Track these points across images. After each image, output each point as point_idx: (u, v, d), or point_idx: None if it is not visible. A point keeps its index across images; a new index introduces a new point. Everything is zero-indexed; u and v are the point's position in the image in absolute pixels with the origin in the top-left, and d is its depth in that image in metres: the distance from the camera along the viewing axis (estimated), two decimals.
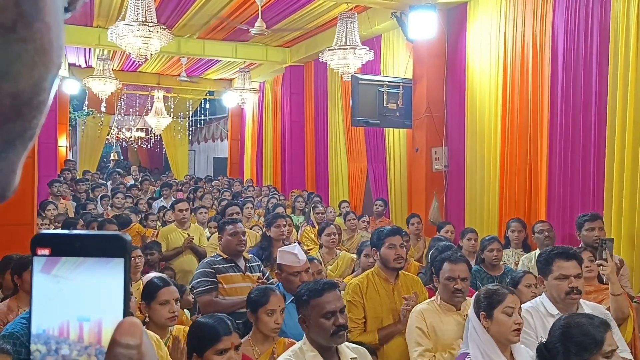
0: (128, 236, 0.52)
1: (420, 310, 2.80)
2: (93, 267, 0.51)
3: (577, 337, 1.82)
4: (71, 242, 0.52)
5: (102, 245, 0.51)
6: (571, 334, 1.84)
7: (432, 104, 6.60)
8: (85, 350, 0.50)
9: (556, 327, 1.91)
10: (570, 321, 1.91)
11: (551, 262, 2.63)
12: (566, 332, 1.86)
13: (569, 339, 1.83)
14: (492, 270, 4.29)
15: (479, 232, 5.08)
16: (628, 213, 4.26)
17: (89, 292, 0.51)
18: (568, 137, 4.96)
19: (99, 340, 0.50)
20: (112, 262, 0.51)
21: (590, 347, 1.79)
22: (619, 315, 2.88)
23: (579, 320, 1.90)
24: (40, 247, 0.52)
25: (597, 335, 1.80)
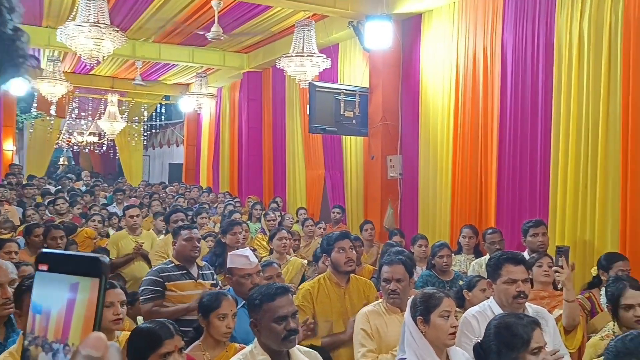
0: (106, 258, 0.62)
1: (365, 312, 2.85)
2: (75, 284, 0.59)
3: (507, 337, 1.90)
4: (65, 261, 0.60)
5: (85, 265, 0.60)
6: (501, 333, 1.92)
7: (387, 112, 6.72)
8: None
9: (490, 327, 1.99)
10: (501, 321, 1.99)
11: (500, 267, 2.71)
12: (497, 332, 1.93)
13: (500, 339, 1.91)
14: (443, 275, 4.40)
15: (432, 238, 5.19)
16: (571, 219, 4.45)
17: (68, 305, 0.59)
18: (516, 147, 5.15)
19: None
20: (91, 281, 0.59)
21: (518, 345, 1.87)
22: (570, 322, 2.96)
23: (508, 320, 1.97)
24: (41, 263, 0.61)
25: (525, 334, 1.88)
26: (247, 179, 10.69)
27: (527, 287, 2.67)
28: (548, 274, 3.51)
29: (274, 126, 9.93)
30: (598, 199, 4.26)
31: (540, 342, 1.90)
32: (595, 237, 4.25)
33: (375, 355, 2.72)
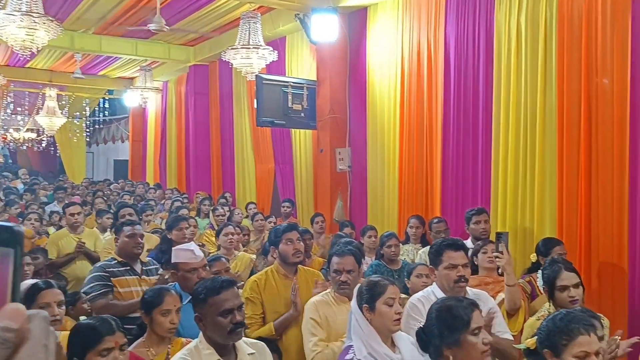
0: (20, 227, 0.59)
1: (314, 302, 2.87)
2: None
3: (448, 319, 1.95)
4: None
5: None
6: (443, 316, 1.97)
7: (335, 105, 6.75)
8: None
9: (432, 311, 2.03)
10: (442, 305, 2.04)
11: (441, 253, 2.77)
12: (439, 315, 1.99)
13: (441, 321, 1.96)
14: (391, 264, 4.47)
15: (381, 229, 5.26)
16: (512, 207, 4.61)
17: None
18: (459, 138, 5.29)
19: None
20: (4, 251, 0.57)
21: (459, 326, 1.92)
22: (512, 305, 3.07)
23: (449, 304, 2.03)
24: None
25: (465, 315, 1.94)
26: (195, 175, 10.51)
27: (467, 272, 2.74)
28: (492, 260, 3.62)
29: (222, 120, 9.79)
30: (537, 187, 4.43)
31: (480, 323, 1.96)
32: (534, 223, 4.42)
33: (325, 343, 2.74)
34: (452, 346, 1.93)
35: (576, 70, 4.19)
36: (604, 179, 3.99)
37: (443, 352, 1.94)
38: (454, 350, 1.93)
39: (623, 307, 3.82)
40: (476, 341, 1.93)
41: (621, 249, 3.87)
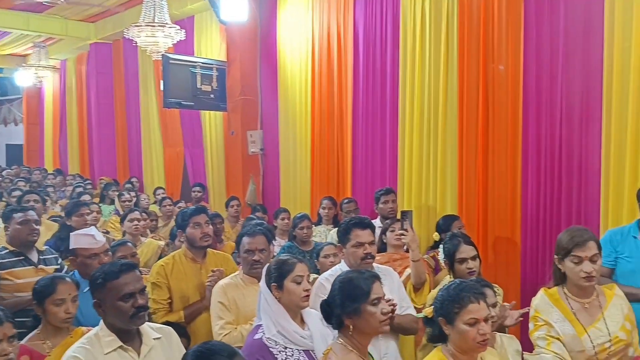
0: None
1: (222, 285, 2.84)
2: None
3: (349, 290, 2.02)
4: None
5: None
6: (344, 287, 2.03)
7: (246, 87, 6.65)
8: None
9: (335, 283, 2.09)
10: (344, 277, 2.11)
11: (349, 232, 2.83)
12: (341, 287, 2.05)
13: (343, 292, 2.02)
14: (304, 245, 4.51)
15: (294, 211, 5.29)
16: (417, 186, 4.81)
17: None
18: (368, 120, 5.41)
19: None
20: None
21: (359, 297, 1.99)
22: (417, 280, 3.20)
23: (351, 276, 2.10)
24: None
25: (365, 286, 2.01)
26: (99, 160, 9.97)
27: (373, 249, 2.82)
28: (399, 237, 3.75)
29: (128, 102, 9.34)
30: (439, 168, 4.64)
31: (379, 294, 2.03)
32: (437, 201, 4.64)
33: (233, 326, 2.72)
34: (352, 315, 1.98)
35: (475, 57, 4.41)
36: (499, 158, 4.25)
37: (344, 321, 1.99)
38: (354, 319, 1.98)
39: (516, 277, 4.13)
40: (375, 311, 2.00)
41: (514, 224, 4.17)
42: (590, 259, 2.37)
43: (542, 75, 4.05)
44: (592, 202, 3.70)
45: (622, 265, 3.09)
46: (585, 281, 2.39)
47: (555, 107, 3.96)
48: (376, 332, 2.03)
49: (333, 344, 2.02)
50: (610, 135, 3.57)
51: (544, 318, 2.46)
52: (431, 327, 2.20)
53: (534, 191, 4.07)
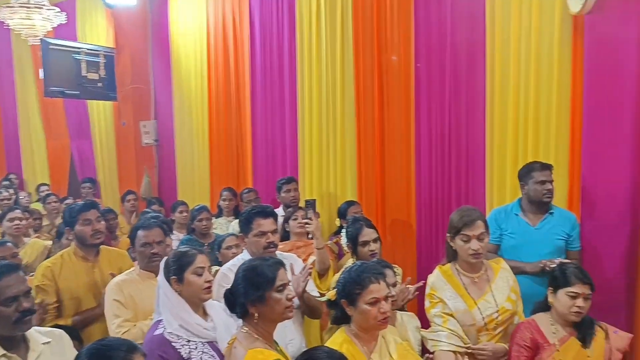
0: None
1: (117, 282, 2.69)
2: None
3: (254, 277, 1.99)
4: None
5: None
6: (249, 275, 2.00)
7: (137, 75, 6.33)
8: None
9: (239, 272, 2.05)
10: (248, 265, 2.07)
11: (251, 221, 2.79)
12: (245, 275, 2.01)
13: (247, 280, 1.99)
14: (204, 238, 4.40)
15: (192, 204, 5.13)
16: (317, 175, 4.86)
17: None
18: (267, 108, 5.37)
19: None
20: None
21: (264, 284, 1.97)
22: (322, 266, 3.25)
23: (254, 263, 2.07)
24: None
25: (270, 273, 1.99)
26: None
27: (276, 238, 2.81)
28: (302, 225, 3.78)
29: (1, 91, 8.48)
30: (338, 155, 4.72)
31: (284, 280, 2.03)
32: (337, 188, 4.73)
33: (131, 323, 2.58)
34: (257, 303, 1.96)
35: (369, 48, 4.52)
36: (394, 145, 4.42)
37: (249, 309, 1.96)
38: (259, 307, 1.96)
39: (412, 257, 4.34)
40: (281, 297, 1.99)
41: (409, 207, 4.37)
42: (478, 237, 2.54)
43: (432, 65, 4.24)
44: (479, 183, 3.96)
45: (506, 241, 3.34)
46: (473, 258, 2.56)
47: (444, 96, 4.18)
48: (282, 318, 2.02)
49: (237, 333, 1.98)
50: (493, 122, 3.84)
51: (439, 295, 2.60)
52: (335, 309, 2.25)
53: (426, 175, 4.28)
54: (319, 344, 2.72)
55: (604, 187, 3.40)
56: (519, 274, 2.92)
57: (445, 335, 2.53)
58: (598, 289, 2.52)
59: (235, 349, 1.92)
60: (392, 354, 2.13)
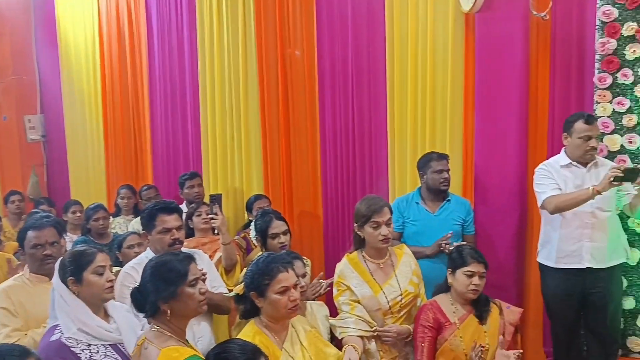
0: None
1: (3, 289, 2.45)
2: None
3: (165, 273, 1.90)
4: None
5: None
6: (159, 271, 1.92)
7: (19, 65, 5.84)
8: None
9: (147, 269, 1.96)
10: (157, 261, 1.98)
11: (154, 217, 2.67)
12: (155, 271, 1.92)
13: (158, 276, 1.90)
14: (100, 238, 4.15)
15: (87, 203, 4.81)
16: (222, 169, 4.76)
17: None
18: (167, 103, 5.17)
19: None
20: None
21: (176, 279, 1.89)
22: (229, 262, 3.18)
23: (165, 259, 1.98)
24: None
25: (181, 267, 1.92)
26: None
27: (181, 235, 2.71)
28: (207, 221, 3.69)
29: None
30: (244, 149, 4.66)
31: (197, 274, 1.96)
32: (244, 183, 4.67)
33: (22, 332, 2.36)
34: (169, 299, 1.87)
35: (272, 42, 4.50)
36: (300, 138, 4.45)
37: (160, 306, 1.88)
38: (170, 303, 1.88)
39: (320, 248, 4.39)
40: (193, 292, 1.92)
41: (316, 199, 4.42)
42: (386, 223, 2.63)
43: (335, 59, 4.30)
44: (382, 174, 4.10)
45: (408, 229, 3.49)
46: (383, 243, 2.64)
47: (347, 90, 4.26)
48: (195, 313, 1.96)
49: (147, 333, 1.88)
50: (394, 115, 3.98)
51: (346, 283, 2.66)
52: (243, 303, 2.21)
53: (332, 167, 4.35)
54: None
55: (495, 174, 3.66)
56: (421, 259, 3.07)
57: (352, 322, 2.59)
58: (491, 269, 2.71)
59: (146, 350, 1.82)
60: (302, 342, 2.15)
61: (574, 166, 3.13)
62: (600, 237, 3.05)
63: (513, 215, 3.63)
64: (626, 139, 3.27)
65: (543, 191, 3.08)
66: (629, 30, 3.20)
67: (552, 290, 3.21)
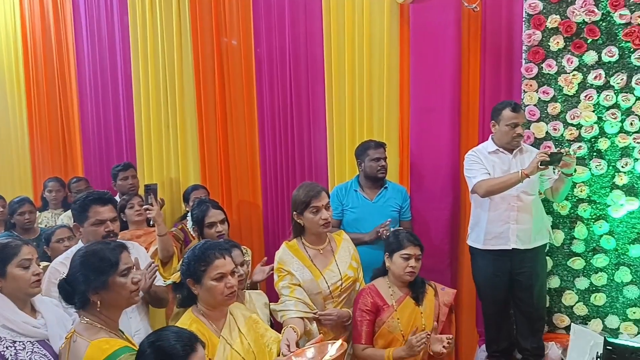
0: None
1: None
2: None
3: (95, 262, 1.83)
4: None
5: None
6: (89, 260, 1.84)
7: None
8: None
9: (75, 259, 1.88)
10: (87, 250, 1.91)
11: (87, 209, 2.56)
12: (84, 261, 1.85)
13: (87, 266, 1.83)
14: (26, 233, 3.93)
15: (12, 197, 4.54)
16: (157, 160, 4.61)
17: None
18: (98, 94, 4.95)
19: None
20: None
21: (106, 268, 1.83)
22: (165, 253, 3.11)
23: (95, 248, 1.91)
24: None
25: (112, 257, 1.86)
26: None
27: (116, 226, 2.62)
28: (140, 213, 3.60)
29: None
30: (179, 139, 4.54)
31: (129, 263, 1.90)
32: (180, 173, 4.55)
33: None
34: (99, 290, 1.81)
35: (208, 30, 4.40)
36: (238, 127, 4.38)
37: (90, 298, 1.80)
38: (101, 294, 1.81)
39: (260, 238, 4.36)
40: (126, 281, 1.86)
41: (255, 189, 4.38)
42: (325, 206, 2.65)
43: (272, 48, 4.26)
44: (321, 163, 4.11)
45: (347, 216, 3.53)
46: (324, 227, 2.66)
47: (285, 80, 4.23)
48: (128, 303, 1.89)
49: (76, 326, 1.80)
50: (332, 104, 4.00)
51: (286, 268, 2.67)
52: (180, 292, 2.17)
53: (271, 156, 4.32)
54: None
55: (429, 162, 3.77)
56: (360, 245, 3.11)
57: (292, 304, 2.60)
58: (427, 253, 2.79)
59: (75, 343, 1.74)
60: (241, 329, 2.13)
61: (500, 152, 3.27)
62: (526, 220, 3.21)
63: (446, 201, 3.75)
64: (551, 126, 3.44)
65: (473, 176, 3.20)
66: (552, 23, 3.37)
67: (482, 272, 3.35)
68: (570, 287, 3.51)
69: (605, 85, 3.32)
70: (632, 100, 3.27)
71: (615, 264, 3.41)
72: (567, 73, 3.38)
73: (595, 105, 3.35)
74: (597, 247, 3.43)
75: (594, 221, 3.41)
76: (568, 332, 3.46)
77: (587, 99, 3.35)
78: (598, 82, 3.31)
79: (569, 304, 3.51)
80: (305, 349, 2.05)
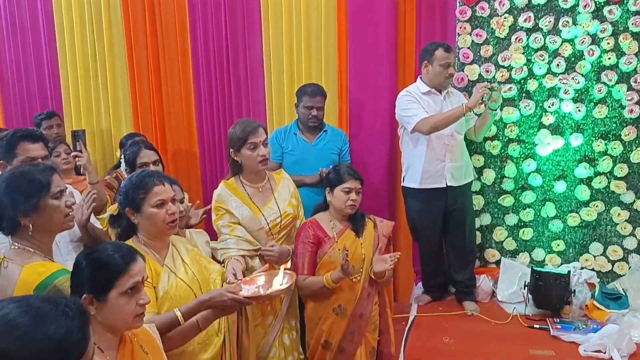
0: None
1: None
2: None
3: (23, 185, 1.72)
4: None
5: None
6: (17, 183, 1.73)
7: None
8: None
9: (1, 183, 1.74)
10: (13, 172, 1.79)
11: (15, 146, 2.38)
12: (11, 184, 1.73)
13: (15, 189, 1.72)
14: None
15: None
16: (86, 108, 4.37)
17: None
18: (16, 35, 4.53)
19: None
20: None
21: (37, 190, 1.73)
22: (98, 202, 2.91)
23: (22, 169, 1.79)
24: None
25: (44, 179, 1.76)
26: None
27: None
28: (68, 161, 3.42)
29: None
30: (109, 88, 4.31)
31: (62, 186, 1.79)
32: (111, 122, 4.35)
33: None
34: (30, 213, 1.71)
35: None
36: (172, 75, 4.20)
37: (20, 221, 1.70)
38: (32, 216, 1.71)
39: (197, 186, 4.26)
40: (59, 204, 1.76)
41: (191, 137, 4.25)
42: (263, 143, 2.61)
43: None
44: (260, 106, 4.04)
45: (287, 158, 3.51)
46: (262, 165, 2.63)
47: (220, 22, 4.07)
48: (61, 228, 1.79)
49: (6, 252, 1.70)
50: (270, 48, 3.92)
51: (225, 207, 2.63)
52: (119, 224, 2.08)
53: (207, 103, 4.18)
54: None
55: (368, 106, 3.80)
56: (301, 187, 3.11)
57: (233, 242, 2.58)
58: (366, 195, 2.83)
59: (5, 269, 1.64)
60: (184, 259, 2.08)
61: (432, 93, 3.34)
62: (458, 157, 3.34)
63: (384, 145, 3.81)
64: (484, 68, 3.55)
65: (414, 114, 3.24)
66: None
67: (418, 211, 3.46)
68: (501, 223, 3.69)
69: (534, 28, 3.45)
70: (558, 42, 3.42)
71: (541, 200, 3.61)
72: (499, 16, 3.48)
73: (524, 47, 3.48)
74: (525, 185, 3.61)
75: (523, 160, 3.58)
76: (498, 266, 3.67)
77: (517, 41, 3.47)
78: (528, 24, 3.43)
79: (499, 240, 3.70)
80: (255, 276, 2.04)
